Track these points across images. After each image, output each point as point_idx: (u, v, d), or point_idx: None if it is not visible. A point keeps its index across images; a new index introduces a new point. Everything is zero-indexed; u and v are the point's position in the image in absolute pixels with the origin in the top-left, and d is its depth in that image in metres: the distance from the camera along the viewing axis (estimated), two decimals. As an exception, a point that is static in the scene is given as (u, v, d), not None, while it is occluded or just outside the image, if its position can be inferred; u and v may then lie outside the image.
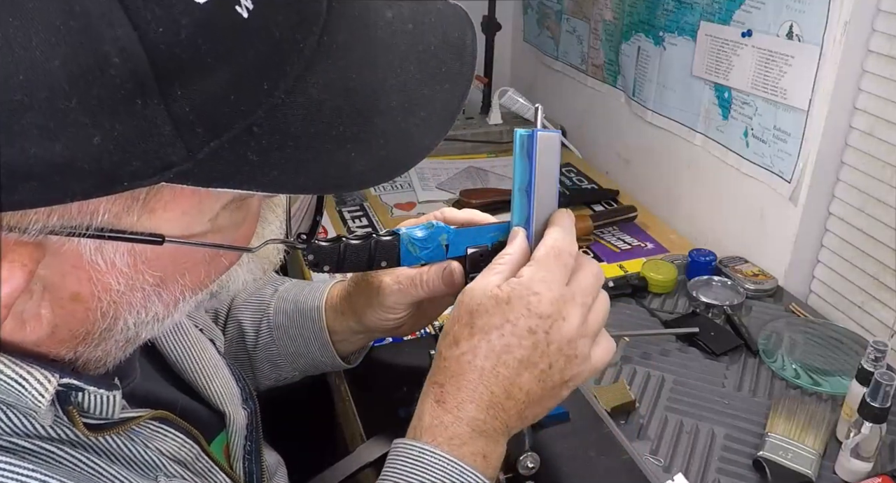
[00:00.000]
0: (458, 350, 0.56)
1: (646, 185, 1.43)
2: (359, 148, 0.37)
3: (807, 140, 1.01)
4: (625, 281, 1.06)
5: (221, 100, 0.32)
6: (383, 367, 0.93)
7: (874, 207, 0.96)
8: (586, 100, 1.63)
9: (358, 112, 0.37)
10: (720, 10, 1.13)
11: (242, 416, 0.61)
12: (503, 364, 0.54)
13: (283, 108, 0.34)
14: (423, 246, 0.65)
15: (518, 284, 0.56)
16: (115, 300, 0.38)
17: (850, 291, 1.02)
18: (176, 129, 0.31)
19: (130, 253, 0.37)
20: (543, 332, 0.55)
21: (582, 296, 0.57)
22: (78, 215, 0.33)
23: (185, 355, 0.58)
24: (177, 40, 0.29)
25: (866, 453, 0.73)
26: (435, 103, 0.41)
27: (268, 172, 0.35)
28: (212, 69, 0.31)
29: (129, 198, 0.34)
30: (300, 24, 0.35)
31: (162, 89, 0.30)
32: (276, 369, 0.81)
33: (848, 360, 0.92)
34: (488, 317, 0.55)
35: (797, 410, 0.80)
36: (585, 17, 1.57)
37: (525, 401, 0.56)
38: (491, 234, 0.67)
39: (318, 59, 0.36)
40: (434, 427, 0.55)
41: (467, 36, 0.44)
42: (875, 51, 0.93)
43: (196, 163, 0.32)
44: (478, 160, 1.60)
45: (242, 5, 0.31)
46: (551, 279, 0.56)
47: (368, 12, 0.40)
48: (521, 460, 0.70)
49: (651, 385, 0.89)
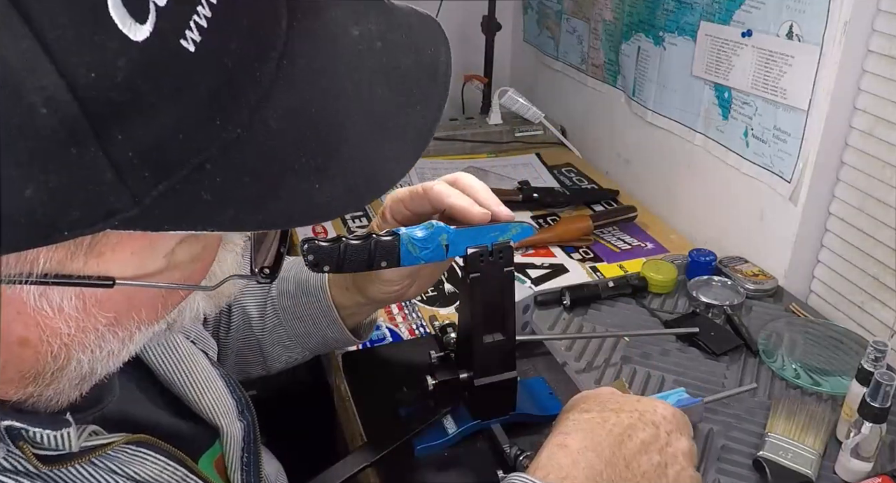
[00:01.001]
0: (589, 415, 0.60)
1: (646, 185, 1.43)
2: (323, 179, 0.35)
3: (807, 140, 1.01)
4: (625, 281, 1.06)
5: (169, 140, 0.29)
6: (383, 367, 0.93)
7: (874, 207, 0.96)
8: (586, 100, 1.63)
9: (322, 141, 0.35)
10: (720, 10, 1.13)
11: (238, 429, 0.60)
12: (629, 437, 0.58)
13: (238, 143, 0.32)
14: (423, 246, 0.65)
15: (647, 397, 0.63)
16: (66, 343, 0.36)
17: (850, 291, 1.02)
18: (118, 175, 0.28)
19: (79, 296, 0.35)
20: (665, 432, 0.60)
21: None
22: (16, 264, 0.31)
23: (175, 369, 0.56)
24: (112, 84, 0.27)
25: (866, 453, 0.73)
26: (406, 128, 0.38)
27: (224, 211, 0.32)
28: (155, 110, 0.29)
29: (71, 244, 0.32)
30: (256, 50, 0.33)
31: (99, 135, 0.27)
32: (287, 351, 0.81)
33: (848, 360, 0.92)
34: (619, 403, 0.61)
35: (797, 410, 0.80)
36: (585, 17, 1.57)
37: (637, 481, 0.58)
38: (491, 234, 0.67)
39: (278, 87, 0.33)
40: (549, 466, 0.56)
41: (441, 53, 0.40)
42: (875, 51, 0.93)
43: (143, 208, 0.30)
44: (478, 160, 1.60)
45: (188, 38, 0.29)
46: (675, 409, 0.63)
47: (333, 29, 0.37)
48: (522, 460, 0.70)
49: (651, 385, 0.89)
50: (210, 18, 0.30)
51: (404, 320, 1.03)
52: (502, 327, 0.71)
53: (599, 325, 1.00)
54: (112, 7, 0.27)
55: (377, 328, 1.00)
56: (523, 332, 0.93)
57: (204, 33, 0.29)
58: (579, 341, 0.96)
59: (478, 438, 0.78)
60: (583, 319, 1.01)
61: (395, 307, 1.06)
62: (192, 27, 0.29)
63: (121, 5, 0.27)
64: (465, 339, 0.73)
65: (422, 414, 0.77)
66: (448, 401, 0.76)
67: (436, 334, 0.81)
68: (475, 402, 0.75)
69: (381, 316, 1.04)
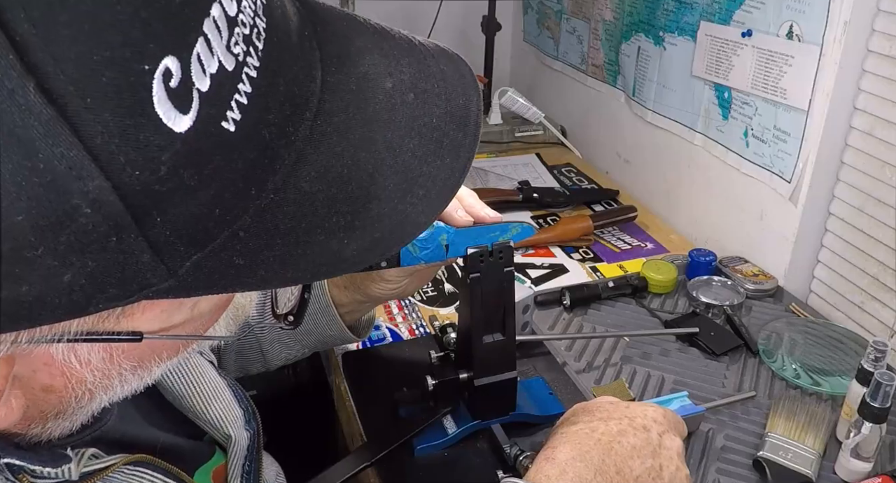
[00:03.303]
0: (576, 426, 0.59)
1: (646, 185, 1.43)
2: (351, 235, 0.35)
3: (807, 140, 1.01)
4: (625, 281, 1.06)
5: (206, 216, 0.29)
6: (383, 367, 0.93)
7: (874, 207, 0.96)
8: (586, 100, 1.63)
9: (353, 200, 0.34)
10: (720, 10, 1.13)
11: (245, 438, 0.60)
12: (618, 443, 0.58)
13: (271, 207, 0.32)
14: (423, 246, 0.65)
15: (636, 402, 0.62)
16: (90, 389, 0.37)
17: (850, 291, 1.02)
18: (156, 255, 0.29)
19: (106, 350, 0.35)
20: (657, 434, 0.59)
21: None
22: (49, 330, 0.31)
23: (182, 382, 0.57)
24: (156, 178, 0.27)
25: (866, 453, 0.73)
26: (435, 180, 0.38)
27: (254, 273, 0.32)
28: (195, 191, 0.28)
29: (104, 312, 0.32)
30: (291, 112, 0.32)
31: (139, 222, 0.27)
32: (286, 349, 0.82)
33: (848, 360, 0.92)
34: (608, 412, 0.61)
35: (797, 410, 0.80)
36: (585, 17, 1.57)
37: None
38: (491, 234, 0.67)
39: (311, 148, 0.33)
40: (537, 478, 0.55)
41: (472, 102, 0.40)
42: (875, 51, 0.93)
43: (177, 279, 0.30)
44: (478, 160, 1.59)
45: (229, 119, 0.28)
46: (665, 409, 0.63)
47: (367, 83, 0.36)
48: (522, 460, 0.70)
49: (651, 385, 0.89)
50: (250, 93, 0.29)
51: (404, 320, 1.03)
52: (502, 327, 0.71)
53: (599, 325, 1.00)
54: (157, 103, 0.26)
55: (377, 328, 1.00)
56: (523, 332, 0.93)
57: (244, 110, 0.29)
58: (579, 341, 0.96)
59: (478, 438, 0.78)
60: (583, 319, 1.01)
61: (395, 307, 1.06)
62: (234, 107, 0.29)
63: (166, 99, 0.26)
64: (465, 339, 0.73)
65: (422, 414, 0.77)
66: (448, 401, 0.76)
67: (436, 334, 0.81)
68: (475, 402, 0.75)
69: (381, 316, 1.04)
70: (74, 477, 0.42)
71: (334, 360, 0.96)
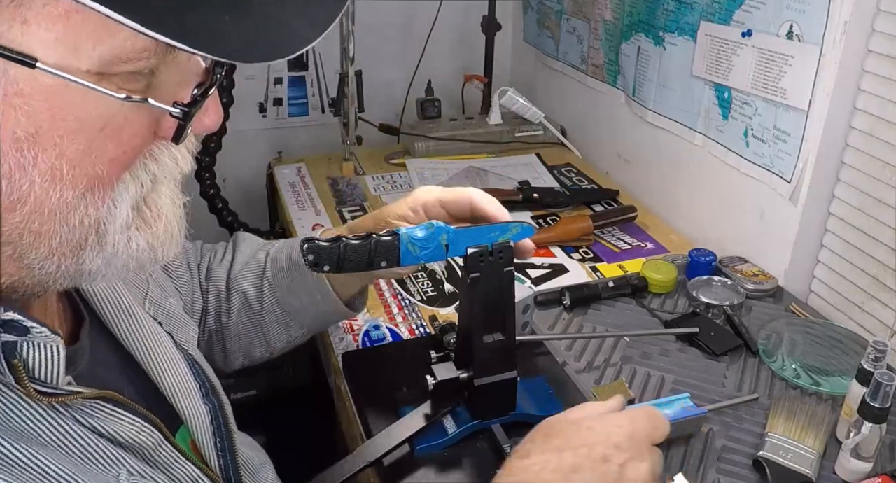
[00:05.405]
0: (529, 461, 0.56)
1: (646, 185, 1.43)
2: (233, 13, 0.36)
3: (807, 140, 1.01)
4: (625, 281, 1.06)
5: None
6: (383, 367, 0.93)
7: (874, 207, 0.96)
8: (586, 100, 1.63)
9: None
10: (720, 10, 1.13)
11: (204, 412, 0.61)
12: (570, 482, 0.54)
13: None
14: (423, 246, 0.65)
15: (604, 416, 0.58)
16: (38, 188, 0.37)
17: (850, 291, 1.02)
18: None
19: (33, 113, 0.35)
20: (618, 465, 0.55)
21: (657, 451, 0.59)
22: None
23: (139, 346, 0.57)
24: None
25: (866, 453, 0.73)
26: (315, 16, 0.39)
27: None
28: None
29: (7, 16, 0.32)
30: None
31: None
32: (286, 329, 0.83)
33: (848, 360, 0.92)
34: (566, 438, 0.57)
35: (797, 410, 0.80)
36: (585, 17, 1.57)
37: None
38: (491, 234, 0.67)
39: None
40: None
41: None
42: (875, 51, 0.93)
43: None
44: (478, 160, 1.60)
45: None
46: (637, 419, 0.58)
47: None
48: (521, 460, 0.70)
49: (651, 385, 0.89)
50: None
51: (404, 320, 1.03)
52: (502, 327, 0.71)
53: (599, 325, 1.00)
54: None
55: (377, 328, 1.00)
56: (523, 332, 0.93)
57: None
58: (579, 341, 0.96)
59: (478, 438, 0.78)
60: (583, 319, 1.01)
61: (395, 307, 1.06)
62: None
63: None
64: (465, 339, 0.73)
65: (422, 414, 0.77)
66: (448, 401, 0.76)
67: (436, 334, 0.81)
68: (475, 402, 0.75)
69: (381, 316, 1.04)
70: (61, 381, 0.43)
71: (334, 360, 0.96)
